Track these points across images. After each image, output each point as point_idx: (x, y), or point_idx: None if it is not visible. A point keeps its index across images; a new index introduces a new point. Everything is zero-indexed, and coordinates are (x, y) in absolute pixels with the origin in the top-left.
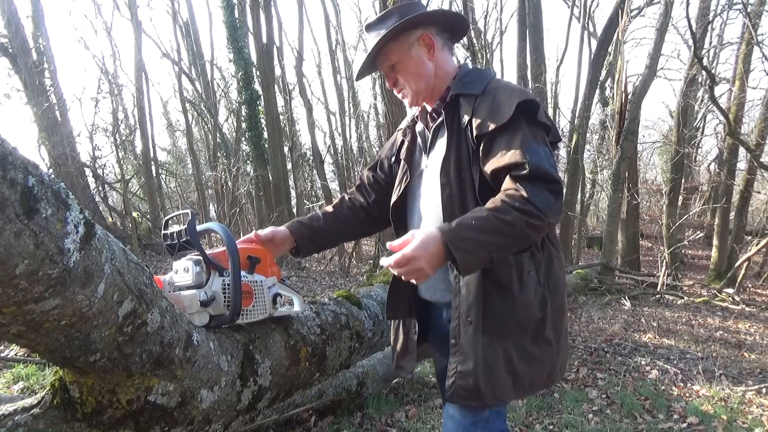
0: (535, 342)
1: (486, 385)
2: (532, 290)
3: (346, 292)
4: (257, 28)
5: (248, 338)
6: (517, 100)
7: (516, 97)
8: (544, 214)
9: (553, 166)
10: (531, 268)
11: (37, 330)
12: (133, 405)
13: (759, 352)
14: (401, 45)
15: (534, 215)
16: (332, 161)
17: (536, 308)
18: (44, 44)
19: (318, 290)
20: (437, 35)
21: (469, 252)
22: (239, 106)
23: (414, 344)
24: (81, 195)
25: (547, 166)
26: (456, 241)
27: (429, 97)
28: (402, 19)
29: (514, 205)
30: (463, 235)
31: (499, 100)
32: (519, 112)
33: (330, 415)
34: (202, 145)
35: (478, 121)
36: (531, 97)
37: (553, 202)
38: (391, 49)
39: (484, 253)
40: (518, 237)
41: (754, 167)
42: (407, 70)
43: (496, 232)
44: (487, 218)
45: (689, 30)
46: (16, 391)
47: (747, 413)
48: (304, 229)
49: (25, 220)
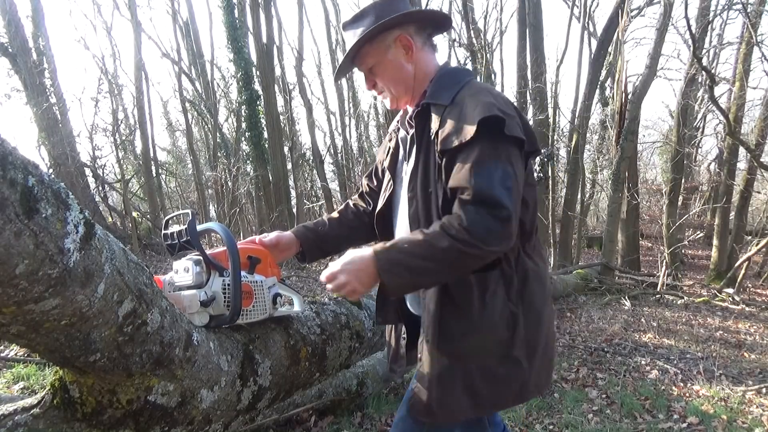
0: (501, 362)
1: (439, 404)
2: (497, 310)
3: None
4: (257, 28)
5: (248, 338)
6: (480, 115)
7: (479, 112)
8: (483, 243)
9: (508, 188)
10: (498, 286)
11: (37, 330)
12: (133, 405)
13: (759, 352)
14: (377, 48)
15: (469, 244)
16: (332, 161)
17: (502, 328)
18: (44, 44)
19: (318, 290)
20: (416, 35)
21: (397, 275)
22: (239, 106)
23: (403, 349)
24: (81, 195)
25: (494, 191)
26: (385, 263)
27: (410, 99)
28: (378, 20)
29: (450, 232)
30: (393, 258)
31: (465, 114)
32: (482, 128)
33: (330, 415)
34: (202, 145)
35: (442, 136)
36: (496, 112)
37: (497, 230)
38: (368, 52)
39: (413, 277)
40: (451, 265)
41: (754, 167)
42: (384, 74)
43: (426, 258)
44: (421, 243)
45: (688, 30)
46: (16, 391)
47: (747, 413)
48: (310, 234)
49: (25, 220)
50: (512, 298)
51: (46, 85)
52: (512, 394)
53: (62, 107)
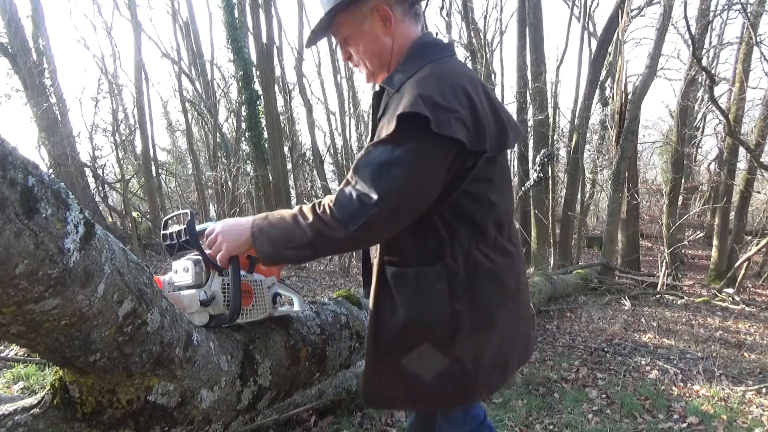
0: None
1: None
2: (435, 307)
3: (346, 292)
4: (257, 28)
5: (248, 338)
6: (402, 109)
7: (403, 106)
8: (344, 226)
9: (392, 176)
10: (440, 282)
11: (37, 330)
12: (133, 405)
13: (759, 352)
14: (353, 17)
15: (330, 226)
16: (332, 161)
17: (440, 326)
18: (44, 44)
19: (318, 290)
20: (396, 5)
21: (261, 245)
22: (239, 106)
23: None
24: (81, 195)
25: (371, 174)
26: (256, 230)
27: (386, 74)
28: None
29: (317, 210)
30: (264, 227)
31: (398, 107)
32: (400, 125)
33: (330, 414)
34: (202, 145)
35: (380, 125)
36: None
37: (364, 215)
38: (342, 21)
39: (276, 249)
40: (311, 244)
41: (753, 167)
42: (359, 46)
43: (290, 232)
44: (289, 217)
45: (688, 31)
46: (16, 391)
47: (747, 413)
48: None
49: (25, 220)
50: (457, 295)
51: (46, 85)
52: (454, 393)
53: (62, 107)
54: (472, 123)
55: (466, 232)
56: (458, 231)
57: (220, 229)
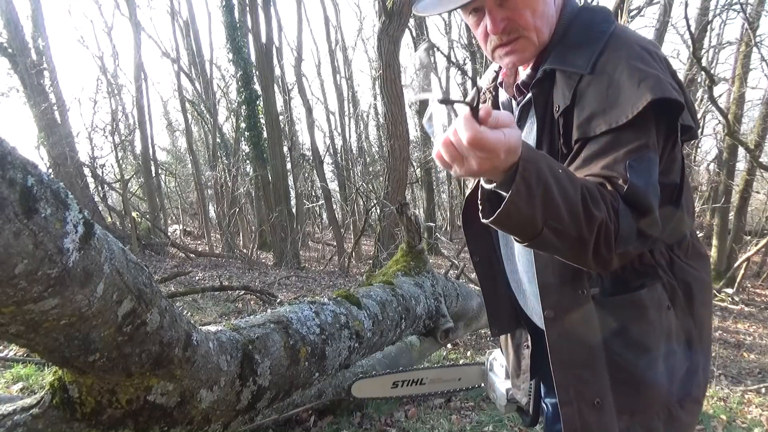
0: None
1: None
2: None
3: (346, 292)
4: (256, 28)
5: (248, 338)
6: (651, 95)
7: (649, 89)
8: (619, 243)
9: (657, 192)
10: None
11: (37, 330)
12: (132, 405)
13: (758, 352)
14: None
15: (610, 235)
16: (332, 161)
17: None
18: (43, 44)
19: (318, 290)
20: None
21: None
22: (239, 106)
23: (527, 360)
24: (80, 195)
25: (649, 197)
26: (528, 170)
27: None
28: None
29: (603, 205)
30: (542, 174)
31: (620, 87)
32: (651, 114)
33: (329, 414)
34: (202, 144)
35: (581, 118)
36: (672, 93)
37: (635, 238)
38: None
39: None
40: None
41: (753, 167)
42: (527, 7)
43: (570, 204)
44: (575, 187)
45: (687, 31)
46: (15, 391)
47: (746, 413)
48: None
49: (24, 220)
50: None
51: (45, 85)
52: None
53: (61, 107)
54: (693, 114)
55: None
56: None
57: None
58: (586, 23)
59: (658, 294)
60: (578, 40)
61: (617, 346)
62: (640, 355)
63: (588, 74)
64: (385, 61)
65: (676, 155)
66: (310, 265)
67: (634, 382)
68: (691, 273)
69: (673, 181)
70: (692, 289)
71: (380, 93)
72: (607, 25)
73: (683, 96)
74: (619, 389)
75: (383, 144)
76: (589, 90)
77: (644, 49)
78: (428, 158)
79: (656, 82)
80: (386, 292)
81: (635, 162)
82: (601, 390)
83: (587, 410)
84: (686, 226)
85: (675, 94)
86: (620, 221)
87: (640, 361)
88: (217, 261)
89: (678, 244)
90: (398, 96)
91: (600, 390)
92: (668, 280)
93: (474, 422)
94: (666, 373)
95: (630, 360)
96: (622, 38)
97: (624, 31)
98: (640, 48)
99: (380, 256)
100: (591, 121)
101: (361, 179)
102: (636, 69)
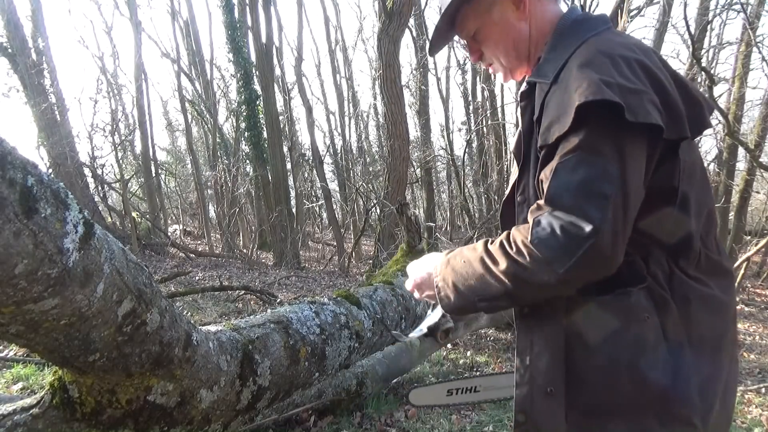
0: None
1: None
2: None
3: (346, 292)
4: (256, 27)
5: (248, 338)
6: (581, 99)
7: (580, 94)
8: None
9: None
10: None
11: (37, 330)
12: (132, 405)
13: (758, 352)
14: (478, 7)
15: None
16: (332, 161)
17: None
18: (43, 44)
19: (318, 290)
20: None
21: (445, 296)
22: (239, 106)
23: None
24: (80, 195)
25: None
26: (440, 279)
27: (528, 67)
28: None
29: (509, 250)
30: (446, 273)
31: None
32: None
33: (329, 414)
34: (202, 144)
35: (543, 127)
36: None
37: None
38: (466, 14)
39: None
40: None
41: (753, 167)
42: (490, 40)
43: (480, 281)
44: (476, 262)
45: (687, 31)
46: (16, 391)
47: (746, 413)
48: None
49: (24, 220)
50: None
51: (45, 85)
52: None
53: (61, 107)
54: (662, 103)
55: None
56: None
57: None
58: (574, 32)
59: (632, 303)
60: (556, 50)
61: (579, 346)
62: (595, 358)
63: (554, 84)
64: (385, 61)
65: (667, 157)
66: (310, 265)
67: (592, 381)
68: (696, 289)
69: (666, 182)
70: (691, 306)
71: (380, 93)
72: (589, 33)
73: (654, 96)
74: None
75: (383, 144)
76: (551, 99)
77: (606, 54)
78: (428, 158)
79: (589, 85)
80: (386, 292)
81: (561, 165)
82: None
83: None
84: (686, 228)
85: (609, 94)
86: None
87: (596, 362)
88: (217, 261)
89: (685, 256)
90: (398, 96)
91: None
92: (660, 293)
93: (474, 422)
94: (630, 382)
95: (587, 360)
96: (590, 44)
97: (600, 37)
98: (601, 53)
99: (380, 256)
100: (549, 129)
101: (361, 179)
102: (580, 75)
